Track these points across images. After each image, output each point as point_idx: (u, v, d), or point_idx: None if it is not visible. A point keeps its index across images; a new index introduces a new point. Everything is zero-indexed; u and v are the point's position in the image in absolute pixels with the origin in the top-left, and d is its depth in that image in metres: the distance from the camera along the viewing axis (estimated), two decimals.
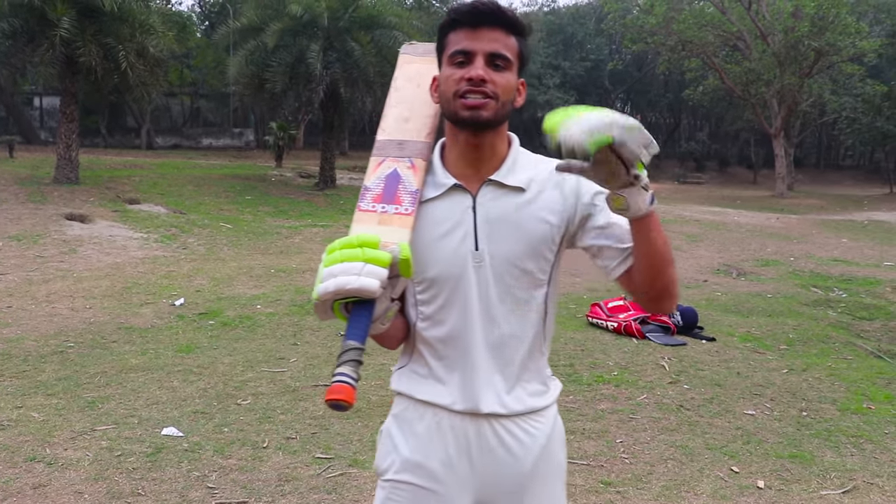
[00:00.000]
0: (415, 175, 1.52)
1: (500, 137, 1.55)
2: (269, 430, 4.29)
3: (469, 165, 1.54)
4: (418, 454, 1.59)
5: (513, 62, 1.49)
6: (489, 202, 1.52)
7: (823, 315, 7.98)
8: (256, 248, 12.47)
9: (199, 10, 41.76)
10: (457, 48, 1.47)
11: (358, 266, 1.33)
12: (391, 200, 1.49)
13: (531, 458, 1.58)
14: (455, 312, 1.53)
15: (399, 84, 1.65)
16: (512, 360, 1.56)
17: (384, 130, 1.59)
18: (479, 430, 1.56)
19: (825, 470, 3.90)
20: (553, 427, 1.63)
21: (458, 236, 1.52)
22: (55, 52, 15.34)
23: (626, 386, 5.23)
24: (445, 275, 1.52)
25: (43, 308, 7.48)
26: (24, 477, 3.62)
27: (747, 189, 36.39)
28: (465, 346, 1.54)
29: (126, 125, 35.87)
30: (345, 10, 19.53)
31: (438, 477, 1.57)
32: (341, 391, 1.29)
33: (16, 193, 14.95)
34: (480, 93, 1.45)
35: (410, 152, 1.55)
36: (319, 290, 1.33)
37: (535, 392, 1.60)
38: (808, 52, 27.72)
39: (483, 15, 1.46)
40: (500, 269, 1.52)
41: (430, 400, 1.58)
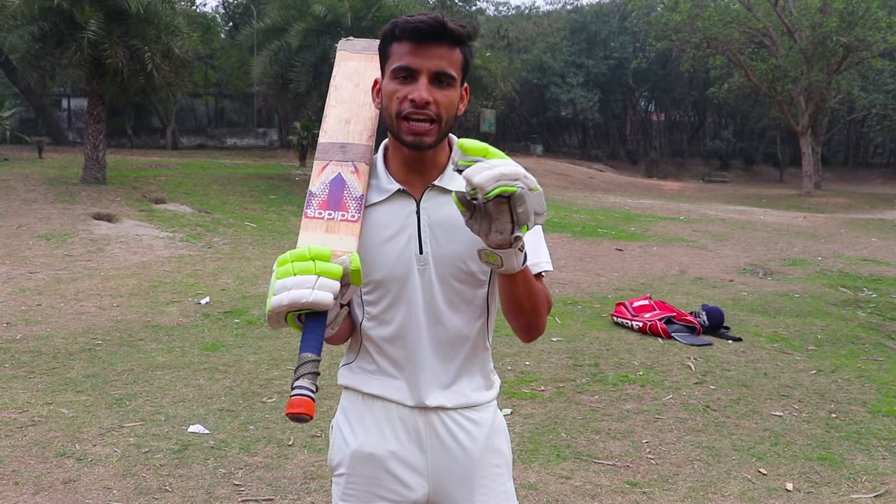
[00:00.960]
0: (358, 180, 1.55)
1: (440, 148, 1.57)
2: (294, 428, 4.31)
3: (412, 172, 1.58)
4: (369, 445, 1.63)
5: (457, 78, 1.51)
6: (432, 207, 1.56)
7: (852, 315, 7.87)
8: (281, 247, 12.53)
9: (223, 11, 42.05)
10: (400, 63, 1.48)
11: (311, 279, 1.35)
12: (337, 207, 1.52)
13: (478, 448, 1.64)
14: (401, 313, 1.58)
15: (338, 82, 1.65)
16: (456, 356, 1.61)
17: (325, 132, 1.61)
18: (428, 421, 1.61)
19: (856, 473, 3.85)
20: (494, 420, 1.69)
21: (403, 240, 1.56)
22: (83, 55, 15.52)
23: (651, 386, 5.20)
24: (391, 277, 1.57)
25: (71, 306, 7.57)
26: (55, 472, 3.67)
27: (773, 188, 36.03)
28: (411, 344, 1.59)
29: (151, 126, 36.19)
30: (368, 9, 19.59)
31: (390, 466, 1.62)
32: (301, 404, 1.32)
33: (45, 193, 15.15)
34: (424, 116, 1.47)
35: (353, 156, 1.57)
36: (273, 303, 1.35)
37: (479, 386, 1.65)
38: (837, 48, 27.39)
39: (428, 33, 1.46)
40: (443, 271, 1.56)
41: (379, 394, 1.63)
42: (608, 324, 7.09)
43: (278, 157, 29.96)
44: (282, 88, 20.25)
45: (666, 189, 32.09)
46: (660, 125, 53.43)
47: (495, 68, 25.31)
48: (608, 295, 8.43)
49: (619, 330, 6.83)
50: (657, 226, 16.70)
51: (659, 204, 22.82)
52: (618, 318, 7.03)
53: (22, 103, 29.27)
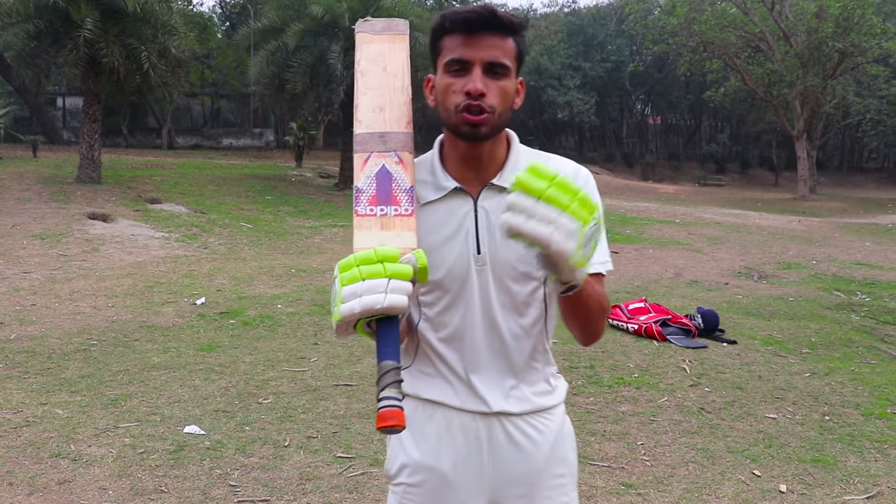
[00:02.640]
0: (405, 171, 1.49)
1: (498, 142, 1.54)
2: (290, 429, 4.31)
3: (469, 169, 1.54)
4: (430, 457, 1.59)
5: (511, 67, 1.46)
6: (490, 206, 1.53)
7: (846, 319, 7.90)
8: (277, 247, 12.53)
9: (219, 11, 42.09)
10: (453, 56, 1.45)
11: (383, 283, 1.28)
12: (388, 201, 1.45)
13: (542, 456, 1.59)
14: (458, 314, 1.54)
15: (363, 67, 1.57)
16: (515, 359, 1.57)
17: (360, 122, 1.52)
18: (490, 429, 1.57)
19: (848, 475, 3.87)
20: (562, 426, 1.64)
21: (461, 239, 1.52)
22: (79, 53, 15.51)
23: (646, 388, 5.21)
24: (450, 278, 1.53)
25: (66, 306, 7.56)
26: (50, 472, 3.67)
27: (769, 191, 36.13)
28: (468, 346, 1.55)
29: (147, 125, 36.15)
30: (366, 10, 19.57)
31: (450, 479, 1.58)
32: (392, 416, 1.26)
33: (39, 193, 15.13)
34: (479, 107, 1.43)
35: (394, 145, 1.50)
36: (344, 311, 1.28)
37: (541, 391, 1.61)
38: (832, 53, 27.48)
39: (479, 23, 1.43)
40: (500, 272, 1.52)
41: (439, 400, 1.58)
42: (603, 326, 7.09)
43: (274, 157, 29.96)
44: (278, 89, 20.23)
45: (662, 192, 32.14)
46: (656, 128, 53.51)
47: None
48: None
49: (614, 332, 6.84)
50: (653, 229, 16.73)
51: (655, 207, 22.85)
52: (613, 321, 7.05)
53: (17, 102, 29.19)
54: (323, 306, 7.61)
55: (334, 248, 12.61)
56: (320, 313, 7.35)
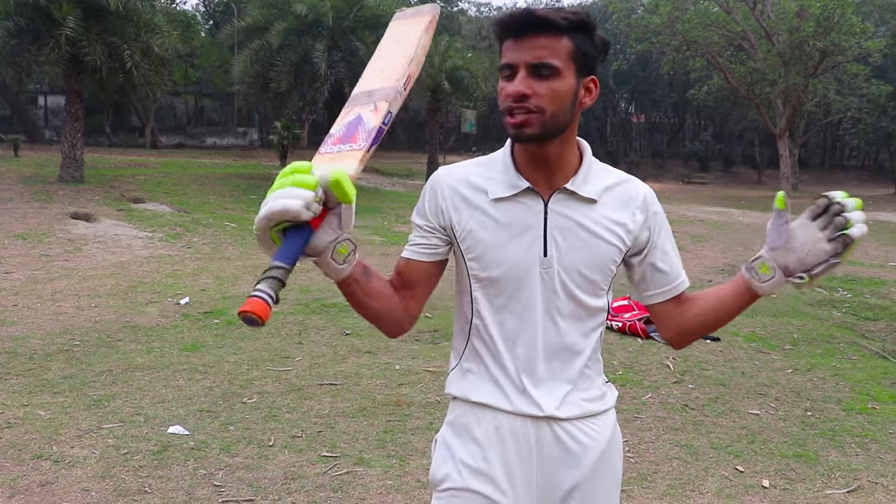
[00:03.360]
0: (374, 115, 1.46)
1: (567, 146, 1.53)
2: (274, 428, 4.30)
3: (539, 171, 1.53)
4: (480, 461, 1.55)
5: (561, 67, 1.43)
6: (561, 210, 1.52)
7: (828, 315, 7.97)
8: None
9: (203, 10, 41.83)
10: (504, 61, 1.46)
11: (286, 191, 1.28)
12: (347, 140, 1.45)
13: (590, 462, 1.56)
14: (516, 314, 1.53)
15: (383, 44, 1.61)
16: (571, 365, 1.56)
17: (358, 85, 1.54)
18: (540, 435, 1.54)
19: (830, 469, 3.91)
20: (612, 434, 1.62)
21: (528, 240, 1.51)
22: (60, 51, 15.39)
23: (630, 385, 5.24)
24: (510, 277, 1.52)
25: (48, 306, 7.50)
26: (32, 475, 3.64)
27: (752, 189, 36.38)
28: (522, 348, 1.53)
29: (130, 124, 35.93)
30: (350, 9, 19.56)
31: (501, 484, 1.54)
32: (255, 305, 1.23)
33: (21, 192, 15.00)
34: (523, 109, 1.43)
35: (376, 97, 1.49)
36: (256, 219, 1.30)
37: (592, 397, 1.59)
38: (813, 52, 27.72)
39: (517, 26, 1.43)
40: (566, 277, 1.52)
41: (488, 402, 1.55)
42: None
43: (259, 156, 29.84)
44: (262, 88, 20.20)
45: None
46: (640, 127, 53.79)
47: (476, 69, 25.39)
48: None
49: None
50: None
51: None
52: None
53: None
54: (307, 305, 7.60)
55: None
56: (304, 312, 7.33)
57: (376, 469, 3.76)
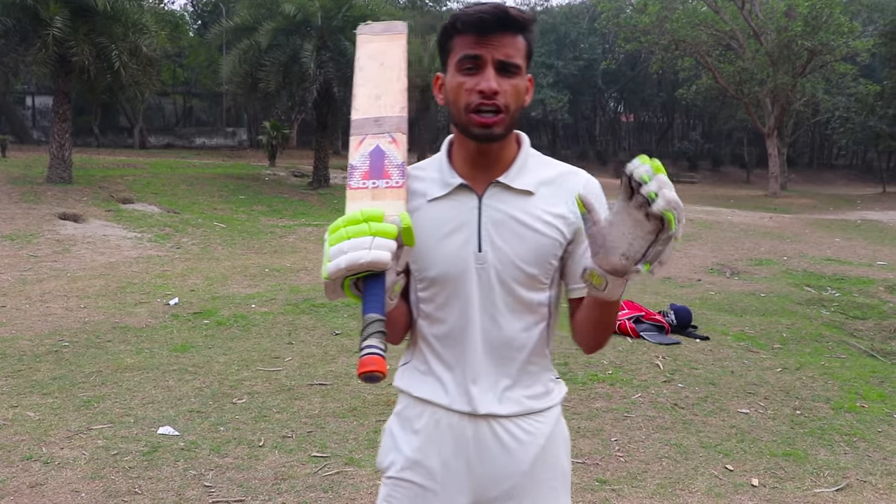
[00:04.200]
0: (397, 149, 1.50)
1: (508, 141, 1.52)
2: (264, 428, 4.29)
3: (476, 168, 1.53)
4: (418, 452, 1.58)
5: (522, 66, 1.45)
6: (495, 204, 1.51)
7: (817, 314, 8.02)
8: (250, 247, 12.47)
9: (191, 10, 41.70)
10: (466, 53, 1.43)
11: (367, 240, 1.30)
12: (380, 175, 1.47)
13: (529, 459, 1.56)
14: (455, 312, 1.52)
15: (362, 63, 1.62)
16: (512, 361, 1.55)
17: (357, 110, 1.56)
18: (477, 430, 1.54)
19: (819, 468, 3.93)
20: (554, 429, 1.60)
21: (462, 237, 1.50)
22: (48, 52, 15.31)
23: (620, 385, 5.25)
24: (447, 275, 1.51)
25: (37, 307, 7.47)
26: (21, 476, 3.62)
27: (741, 188, 36.52)
28: (463, 345, 1.53)
29: (119, 124, 35.80)
30: (338, 9, 19.53)
31: (437, 476, 1.56)
32: (374, 362, 1.27)
33: (9, 193, 14.91)
34: (493, 106, 1.42)
35: (388, 127, 1.52)
36: (331, 269, 1.30)
37: (536, 394, 1.58)
38: (802, 52, 27.86)
39: (492, 23, 1.42)
40: (503, 272, 1.50)
41: (428, 398, 1.57)
42: None
43: (248, 156, 29.77)
44: (251, 88, 20.12)
45: None
46: (629, 126, 53.92)
47: None
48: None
49: None
50: None
51: None
52: None
53: None
54: (297, 305, 7.58)
55: (308, 247, 12.57)
56: (294, 312, 7.32)
57: (366, 469, 3.75)
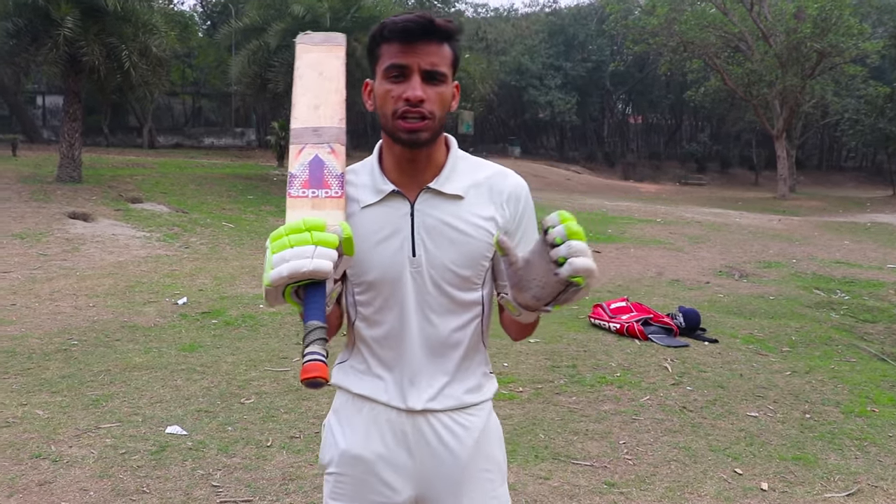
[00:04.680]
0: (336, 160, 1.55)
1: (436, 146, 1.57)
2: (272, 429, 4.30)
3: (406, 173, 1.57)
4: (357, 447, 1.63)
5: (448, 74, 1.51)
6: (427, 209, 1.56)
7: (826, 317, 7.98)
8: (259, 247, 12.47)
9: (200, 10, 41.80)
10: (392, 62, 1.48)
11: (309, 249, 1.34)
12: (320, 185, 1.52)
13: (466, 452, 1.62)
14: (392, 314, 1.59)
15: (301, 72, 1.66)
16: (449, 359, 1.61)
17: (297, 119, 1.60)
18: (415, 425, 1.61)
19: (829, 472, 3.91)
20: (487, 423, 1.67)
21: (396, 242, 1.56)
22: (59, 52, 15.36)
23: (628, 387, 5.24)
24: (383, 279, 1.57)
25: (46, 306, 7.49)
26: (30, 474, 3.63)
27: (749, 190, 36.41)
28: (401, 346, 1.59)
29: (128, 124, 35.92)
30: (347, 10, 19.57)
31: (377, 469, 1.62)
32: (316, 368, 1.33)
33: (19, 192, 14.97)
34: (418, 114, 1.47)
35: (328, 138, 1.57)
36: (272, 276, 1.34)
37: (470, 389, 1.64)
38: (811, 54, 27.75)
39: (417, 31, 1.47)
40: (436, 275, 1.56)
41: (368, 395, 1.63)
42: (585, 325, 7.13)
43: (256, 156, 29.83)
44: (260, 88, 20.17)
45: (643, 191, 32.31)
46: (637, 128, 53.82)
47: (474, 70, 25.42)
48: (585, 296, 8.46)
49: (596, 331, 6.88)
50: (634, 228, 16.81)
51: (636, 206, 22.97)
52: (595, 320, 7.08)
53: None
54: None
55: None
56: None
57: None
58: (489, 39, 44.03)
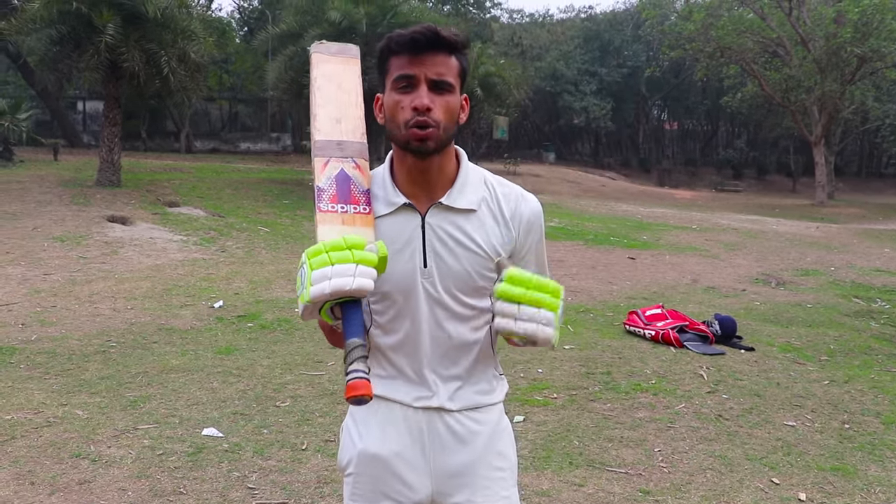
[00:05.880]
0: (362, 175, 1.60)
1: (446, 157, 1.60)
2: (307, 432, 4.33)
3: (417, 185, 1.61)
4: (374, 445, 1.67)
5: (455, 85, 1.54)
6: (438, 223, 1.60)
7: (865, 326, 7.84)
8: (294, 251, 12.57)
9: (238, 16, 42.34)
10: (400, 73, 1.52)
11: (351, 268, 1.39)
12: (348, 200, 1.56)
13: (479, 446, 1.67)
14: (406, 323, 1.63)
15: (320, 83, 1.68)
16: (461, 363, 1.66)
17: (319, 131, 1.63)
18: (430, 421, 1.65)
19: (869, 484, 3.84)
20: (499, 423, 1.72)
21: (408, 254, 1.59)
22: (100, 58, 15.64)
23: (664, 395, 5.19)
24: (396, 290, 1.60)
25: (86, 308, 7.62)
26: (70, 473, 3.70)
27: (786, 197, 35.91)
28: (415, 352, 1.64)
29: (166, 129, 36.40)
30: (383, 16, 19.66)
31: (394, 467, 1.66)
32: (362, 386, 1.36)
33: (60, 195, 15.26)
34: (425, 122, 1.50)
35: (351, 152, 1.61)
36: (314, 293, 1.38)
37: (482, 391, 1.69)
38: (851, 59, 27.33)
39: (423, 43, 1.50)
40: (448, 285, 1.60)
41: (384, 395, 1.66)
42: (620, 332, 7.08)
43: (292, 161, 30.07)
44: (296, 94, 20.32)
45: (678, 198, 32.01)
46: (672, 134, 53.37)
47: (509, 76, 25.36)
48: (620, 303, 8.43)
49: (631, 338, 6.82)
50: (669, 234, 16.67)
51: (671, 213, 22.77)
52: (630, 327, 7.03)
53: (38, 106, 29.48)
54: None
55: None
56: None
57: None
58: (524, 45, 44.01)
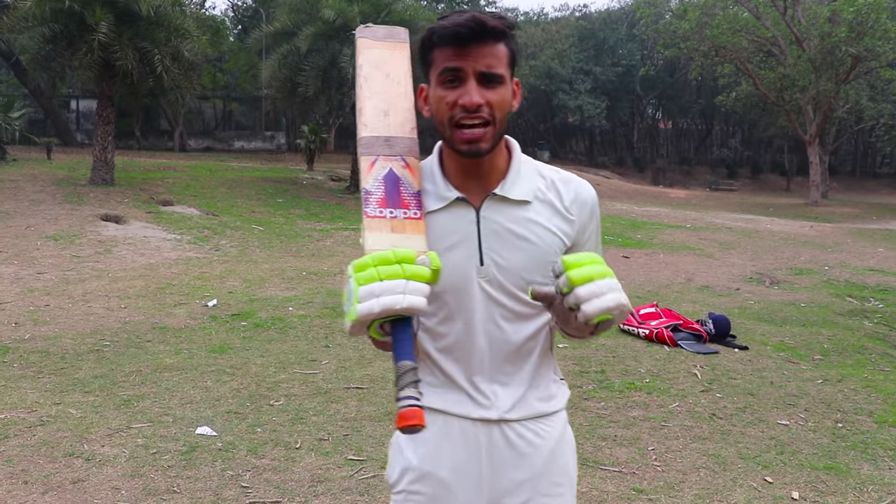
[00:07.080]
0: (412, 175, 1.48)
1: (498, 150, 1.51)
2: (301, 431, 4.33)
3: (470, 178, 1.51)
4: (428, 463, 1.57)
5: (505, 75, 1.43)
6: (493, 216, 1.50)
7: (859, 325, 7.86)
8: (288, 250, 12.57)
9: (232, 15, 42.25)
10: (446, 65, 1.41)
11: (401, 284, 1.27)
12: (397, 204, 1.45)
13: (540, 461, 1.57)
14: (458, 325, 1.52)
15: (366, 72, 1.55)
16: (521, 367, 1.56)
17: (366, 126, 1.50)
18: (490, 434, 1.55)
19: (862, 483, 3.85)
20: (563, 433, 1.62)
21: (463, 250, 1.49)
22: (93, 56, 15.59)
23: (657, 393, 5.20)
24: (449, 289, 1.50)
25: (79, 307, 7.61)
26: (64, 472, 3.69)
27: (780, 197, 35.99)
28: (469, 357, 1.53)
29: (159, 128, 36.30)
30: (377, 14, 19.63)
31: (449, 485, 1.56)
32: (413, 416, 1.26)
33: (53, 194, 15.22)
34: (478, 120, 1.40)
35: (400, 150, 1.49)
36: (362, 311, 1.27)
37: (543, 397, 1.59)
38: (846, 58, 27.35)
39: (468, 36, 1.39)
40: (506, 283, 1.50)
41: (441, 408, 1.56)
42: (614, 331, 7.09)
43: (286, 160, 30.02)
44: (290, 92, 20.29)
45: (673, 197, 32.06)
46: (667, 133, 53.41)
47: None
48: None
49: (625, 337, 6.83)
50: (664, 233, 16.69)
51: (665, 212, 22.81)
52: (624, 326, 7.03)
53: (31, 104, 29.35)
54: (334, 309, 7.63)
55: (345, 251, 12.64)
56: (331, 316, 7.37)
57: None
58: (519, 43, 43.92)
